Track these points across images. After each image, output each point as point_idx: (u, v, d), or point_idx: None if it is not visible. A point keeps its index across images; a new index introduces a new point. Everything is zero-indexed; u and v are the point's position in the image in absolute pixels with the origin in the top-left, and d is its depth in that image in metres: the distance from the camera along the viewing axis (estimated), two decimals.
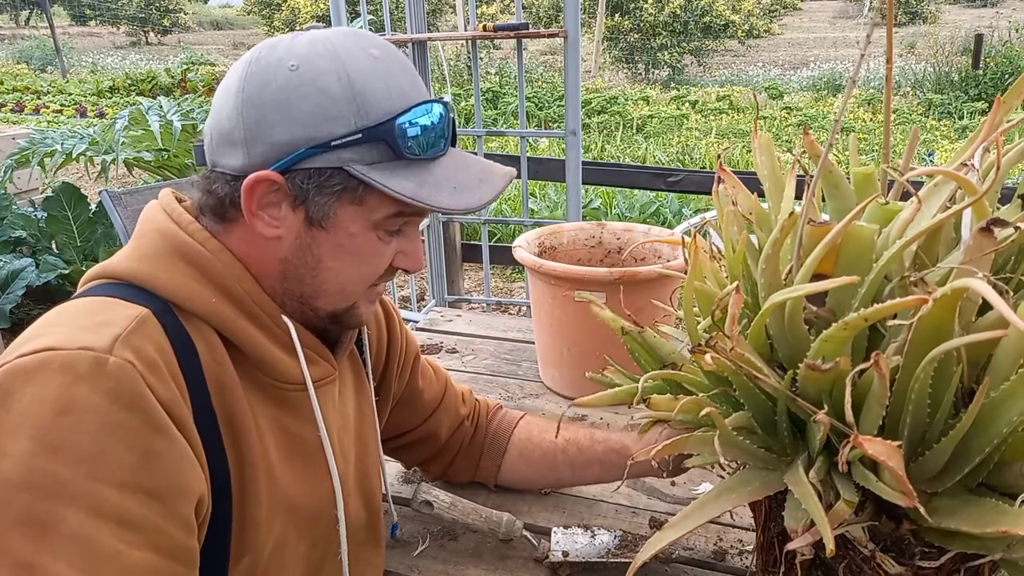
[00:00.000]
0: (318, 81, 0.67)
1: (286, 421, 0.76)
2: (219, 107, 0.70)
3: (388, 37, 2.38)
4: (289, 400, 0.76)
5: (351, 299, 0.77)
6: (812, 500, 0.54)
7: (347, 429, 0.87)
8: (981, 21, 13.76)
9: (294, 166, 0.68)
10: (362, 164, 0.68)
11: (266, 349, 0.72)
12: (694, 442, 0.64)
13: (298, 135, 0.67)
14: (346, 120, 0.67)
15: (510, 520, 0.99)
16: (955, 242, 0.63)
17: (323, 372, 0.79)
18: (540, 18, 15.13)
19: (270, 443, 0.74)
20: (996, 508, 0.52)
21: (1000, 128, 0.60)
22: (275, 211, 0.70)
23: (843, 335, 0.52)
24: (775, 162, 0.72)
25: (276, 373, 0.74)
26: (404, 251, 0.76)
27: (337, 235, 0.71)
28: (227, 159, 0.70)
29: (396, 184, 0.68)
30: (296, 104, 0.67)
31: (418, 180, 0.70)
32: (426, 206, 0.69)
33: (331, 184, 0.68)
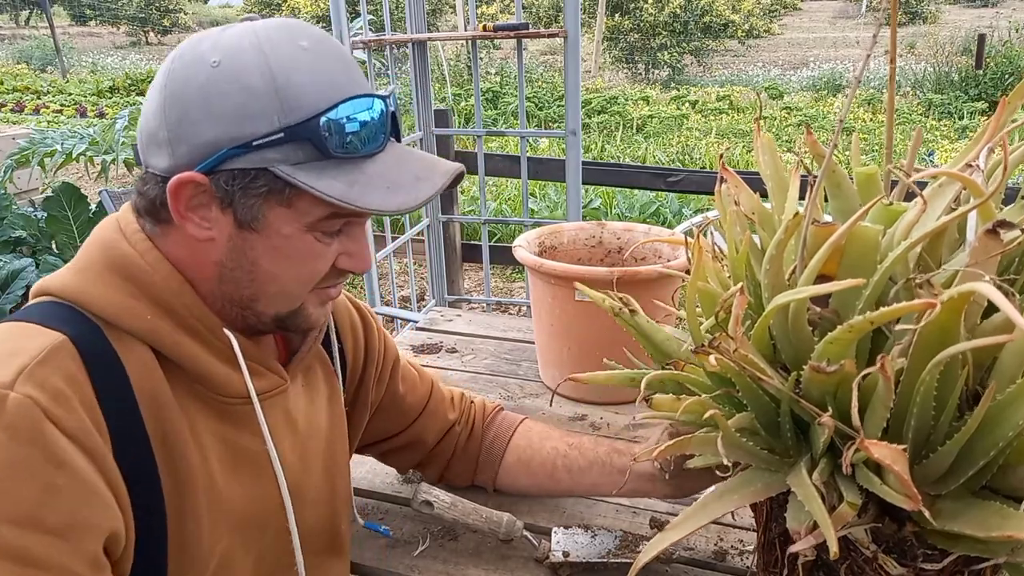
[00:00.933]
0: (240, 77, 0.64)
1: (231, 434, 0.74)
2: (147, 105, 0.68)
3: (388, 37, 2.38)
4: (234, 413, 0.74)
5: (294, 302, 0.74)
6: (815, 502, 0.54)
7: (313, 437, 0.85)
8: (981, 21, 13.76)
9: (218, 167, 0.65)
10: (287, 164, 0.65)
11: (206, 364, 0.70)
12: (697, 443, 0.63)
13: (220, 134, 0.64)
14: (268, 118, 0.64)
15: (511, 520, 0.99)
16: (958, 243, 0.63)
17: (270, 384, 0.77)
18: (540, 18, 15.13)
19: (213, 457, 0.72)
20: (1000, 511, 0.52)
21: (1005, 129, 0.60)
22: (205, 212, 0.68)
23: (848, 338, 0.52)
24: (778, 162, 0.71)
25: (218, 387, 0.71)
26: (348, 252, 0.73)
27: (270, 237, 0.68)
28: (155, 159, 0.67)
29: (323, 185, 0.65)
30: (217, 102, 0.64)
31: (348, 180, 0.66)
32: (356, 208, 0.66)
33: (256, 186, 0.66)
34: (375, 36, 2.39)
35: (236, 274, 0.70)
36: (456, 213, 3.03)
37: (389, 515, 1.08)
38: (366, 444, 1.05)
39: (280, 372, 0.78)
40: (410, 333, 1.78)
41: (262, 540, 0.77)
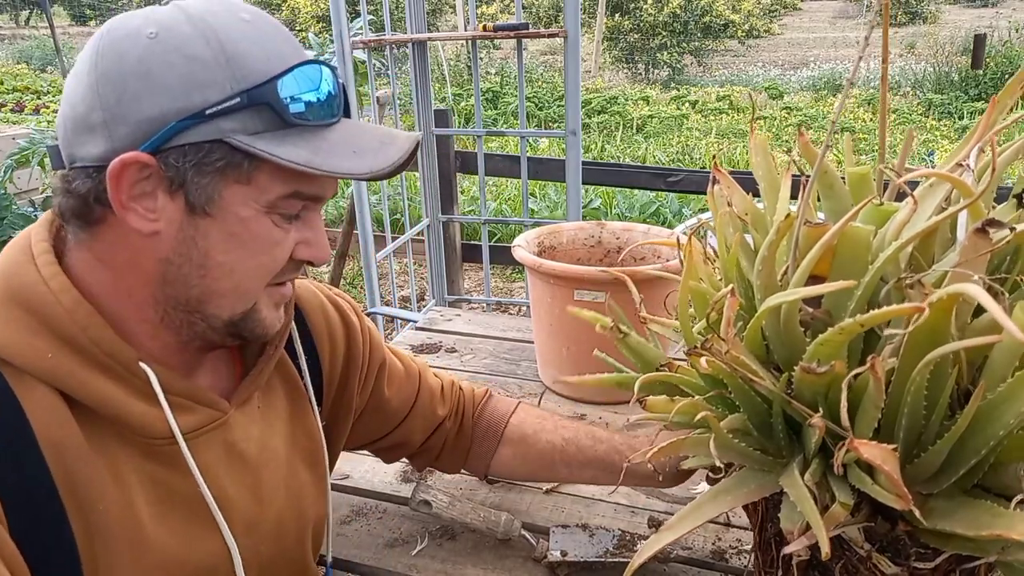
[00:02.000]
0: (184, 47, 0.59)
1: (163, 476, 0.67)
2: (70, 93, 0.61)
3: (388, 37, 2.38)
4: (162, 454, 0.66)
5: (249, 299, 0.67)
6: (808, 502, 0.54)
7: (268, 465, 0.77)
8: (981, 21, 13.75)
9: (165, 144, 0.59)
10: (244, 134, 0.60)
11: (121, 403, 0.63)
12: (690, 444, 0.64)
13: (166, 107, 0.58)
14: (220, 85, 0.59)
15: (509, 519, 0.99)
16: (951, 242, 0.63)
17: (202, 419, 0.69)
18: (540, 18, 15.13)
19: (140, 501, 0.65)
20: (991, 510, 0.53)
21: (995, 128, 0.60)
22: (150, 202, 0.61)
23: (839, 339, 0.52)
24: (770, 162, 0.72)
25: (137, 428, 0.64)
26: (306, 240, 0.68)
27: (225, 221, 0.62)
28: (86, 148, 0.60)
29: (286, 152, 0.60)
30: (160, 73, 0.58)
31: (311, 147, 0.62)
32: (325, 173, 0.61)
33: (211, 160, 0.60)
34: (375, 36, 2.39)
35: (184, 271, 0.64)
36: (456, 213, 3.03)
37: (387, 514, 1.08)
38: (348, 447, 0.99)
39: (216, 403, 0.71)
40: (410, 333, 1.79)
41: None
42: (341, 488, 1.15)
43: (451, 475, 1.14)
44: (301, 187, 0.64)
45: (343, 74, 2.15)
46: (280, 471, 0.79)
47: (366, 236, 2.28)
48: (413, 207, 4.79)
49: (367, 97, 2.72)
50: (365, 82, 2.82)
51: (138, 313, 0.66)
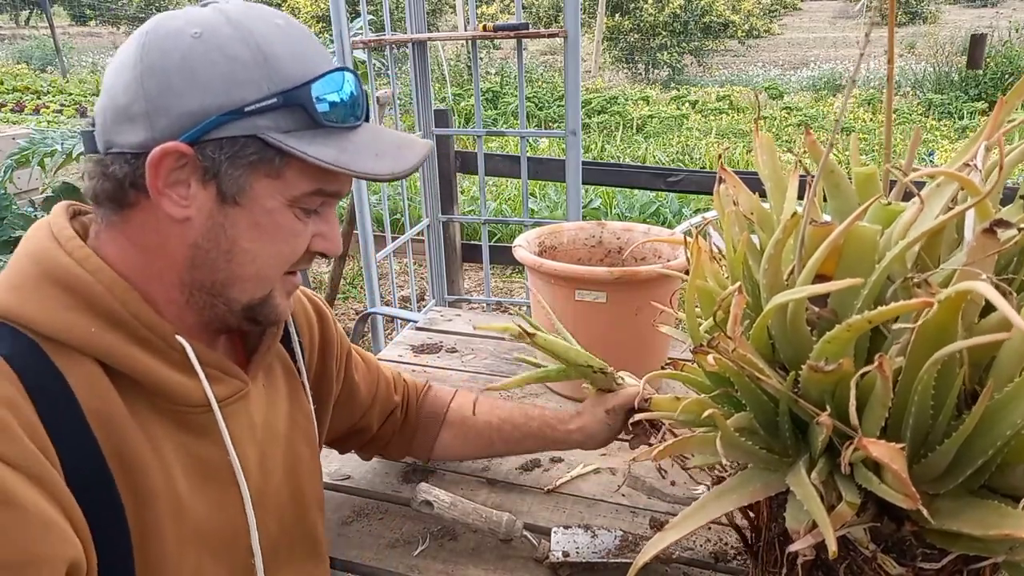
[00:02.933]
0: (225, 47, 0.63)
1: (194, 445, 0.71)
2: (112, 83, 0.65)
3: (388, 37, 2.38)
4: (196, 423, 0.71)
5: (267, 286, 0.72)
6: (814, 501, 0.54)
7: (273, 442, 0.82)
8: (981, 21, 13.76)
9: (204, 136, 0.63)
10: (278, 132, 0.65)
11: (160, 374, 0.67)
12: (697, 442, 0.63)
13: (208, 103, 0.63)
14: (258, 85, 0.64)
15: (510, 520, 0.99)
16: (957, 242, 0.63)
17: (231, 389, 0.74)
18: (540, 18, 15.13)
19: (178, 472, 0.69)
20: (999, 510, 0.52)
21: (1003, 128, 0.60)
22: (183, 189, 0.65)
23: (846, 337, 0.52)
24: (776, 162, 0.71)
25: (176, 397, 0.68)
26: (322, 233, 0.73)
27: (253, 212, 0.67)
28: (126, 136, 0.64)
29: (316, 151, 0.65)
30: (203, 70, 0.63)
31: (338, 147, 0.67)
32: (350, 172, 0.67)
33: (245, 154, 0.64)
34: (375, 36, 2.39)
35: (212, 255, 0.68)
36: (456, 213, 3.03)
37: (389, 515, 1.08)
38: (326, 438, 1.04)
39: (240, 375, 0.76)
40: (410, 333, 1.78)
41: (232, 554, 0.74)
42: (342, 489, 1.14)
43: (452, 477, 1.15)
44: (324, 184, 0.69)
45: None
46: (279, 448, 0.83)
47: (366, 236, 2.27)
48: (413, 207, 4.79)
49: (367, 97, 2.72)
50: (365, 82, 2.82)
51: (165, 294, 0.69)
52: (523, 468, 1.18)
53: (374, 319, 2.47)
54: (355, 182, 2.31)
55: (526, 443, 1.10)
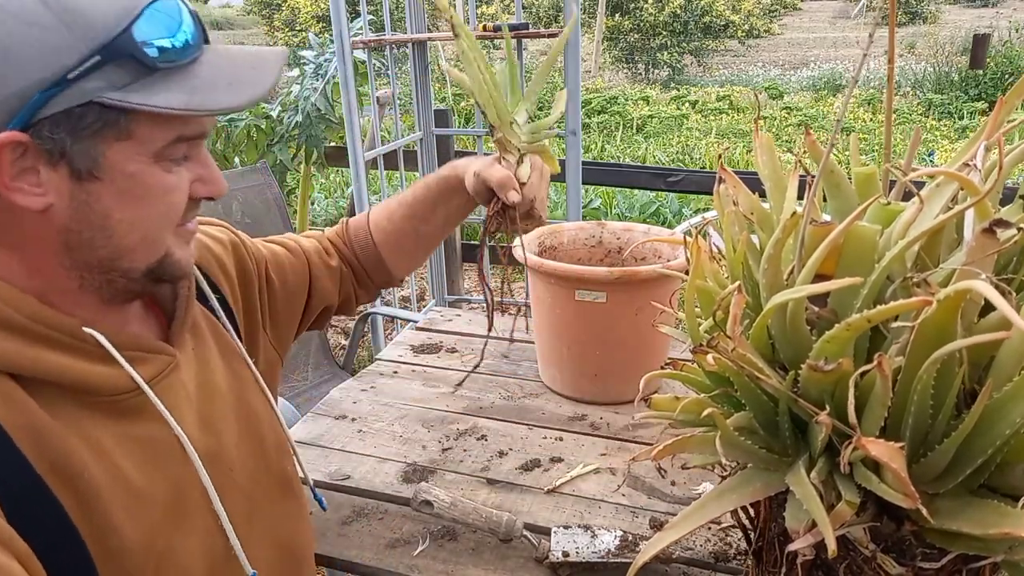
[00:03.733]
0: (23, 15, 0.56)
1: (135, 430, 0.68)
2: None
3: (388, 37, 2.38)
4: (129, 407, 0.68)
5: (159, 248, 0.67)
6: (814, 501, 0.54)
7: (218, 401, 0.80)
8: (981, 21, 13.76)
9: (34, 117, 0.57)
10: (113, 90, 0.58)
11: (79, 371, 0.63)
12: (696, 442, 0.63)
13: (24, 81, 0.56)
14: (74, 47, 0.57)
15: (510, 520, 0.99)
16: (956, 243, 0.63)
17: (158, 366, 0.71)
18: (540, 18, 15.12)
19: (125, 463, 0.66)
20: (998, 510, 0.52)
21: (1002, 128, 0.60)
22: (33, 177, 0.59)
23: (846, 336, 0.52)
24: (776, 162, 0.71)
25: (102, 389, 0.65)
26: (200, 178, 0.68)
27: (115, 181, 0.62)
28: None
29: (161, 100, 0.59)
30: (9, 47, 0.56)
31: (186, 89, 0.61)
32: (207, 112, 0.61)
33: (86, 124, 0.59)
34: (375, 36, 2.39)
35: (87, 236, 0.63)
36: None
37: (388, 515, 1.08)
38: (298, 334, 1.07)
39: (164, 349, 0.73)
40: (410, 333, 1.78)
41: (199, 521, 0.73)
42: (342, 489, 1.14)
43: (452, 477, 1.16)
44: (183, 130, 0.64)
45: (343, 74, 2.15)
46: (226, 403, 0.81)
47: None
48: None
49: (367, 97, 2.72)
50: (365, 82, 2.82)
51: (54, 285, 0.65)
52: (523, 468, 1.18)
53: (374, 319, 2.47)
54: (355, 181, 2.31)
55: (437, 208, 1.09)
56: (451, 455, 1.22)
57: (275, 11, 17.46)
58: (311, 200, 5.22)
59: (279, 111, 3.37)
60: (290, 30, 15.64)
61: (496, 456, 1.22)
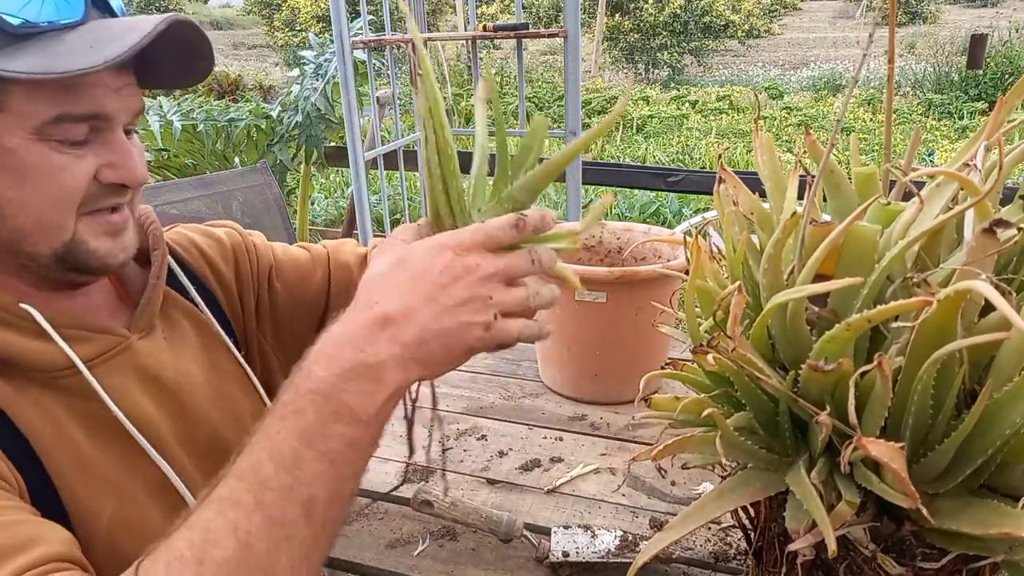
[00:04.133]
0: None
1: (82, 406, 0.68)
2: None
3: (388, 37, 2.38)
4: (72, 386, 0.68)
5: (62, 231, 0.64)
6: (814, 501, 0.54)
7: (191, 390, 0.79)
8: (981, 21, 13.75)
9: None
10: None
11: (13, 345, 0.63)
12: (696, 442, 0.63)
13: None
14: None
15: (510, 520, 0.99)
16: (956, 243, 0.63)
17: (102, 346, 0.70)
18: (540, 18, 15.12)
19: (77, 434, 0.67)
20: (998, 510, 0.52)
21: (1002, 128, 0.60)
22: None
23: (846, 336, 0.52)
24: (776, 162, 0.71)
25: (37, 365, 0.65)
26: (110, 163, 0.65)
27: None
28: None
29: (21, 65, 0.56)
30: None
31: (47, 53, 0.57)
32: (57, 75, 0.57)
33: None
34: (375, 36, 2.39)
35: None
36: None
37: (389, 515, 1.08)
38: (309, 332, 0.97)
39: (111, 330, 0.72)
40: None
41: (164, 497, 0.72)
42: None
43: (452, 477, 1.15)
44: (67, 107, 0.60)
45: (343, 74, 2.15)
46: (203, 393, 0.81)
47: (366, 236, 2.27)
48: (413, 207, 4.79)
49: (367, 97, 2.72)
50: (365, 82, 2.82)
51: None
52: (523, 468, 1.18)
53: None
54: (355, 181, 2.31)
55: None
56: (451, 455, 1.22)
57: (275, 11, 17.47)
58: (311, 200, 5.22)
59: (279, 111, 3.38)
60: (290, 30, 15.64)
61: (496, 456, 1.22)
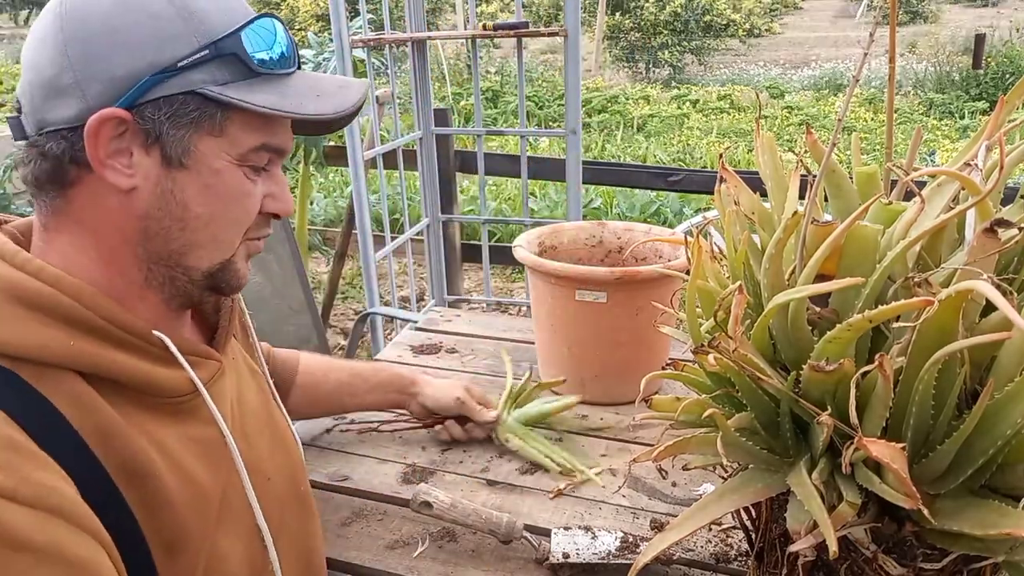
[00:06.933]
0: (146, 5, 0.62)
1: (192, 430, 0.71)
2: (35, 59, 0.63)
3: (387, 36, 2.38)
4: (185, 410, 0.70)
5: (226, 250, 0.70)
6: (815, 501, 0.54)
7: (250, 414, 0.82)
8: (982, 21, 13.75)
9: (140, 99, 0.61)
10: (215, 85, 0.63)
11: (145, 372, 0.65)
12: (697, 443, 0.63)
13: (138, 64, 0.61)
14: (187, 39, 0.62)
15: (510, 521, 0.99)
16: (957, 243, 0.63)
17: (210, 371, 0.74)
18: (540, 17, 15.11)
19: (190, 462, 0.68)
20: (999, 510, 0.52)
21: (1003, 128, 0.60)
22: (125, 159, 0.63)
23: (847, 336, 0.52)
24: (778, 161, 0.71)
25: (165, 391, 0.68)
26: (272, 194, 0.72)
27: (200, 173, 0.65)
28: (59, 111, 0.62)
29: (255, 98, 0.64)
30: (128, 31, 0.61)
31: (278, 93, 0.66)
32: (293, 115, 0.66)
33: (185, 112, 0.63)
34: (374, 35, 2.39)
35: (164, 224, 0.66)
36: (456, 213, 3.03)
37: (388, 516, 1.08)
38: None
39: (213, 355, 0.76)
40: (409, 333, 1.78)
41: (242, 526, 0.75)
42: (341, 489, 1.14)
43: (452, 478, 1.15)
44: (268, 138, 0.68)
45: (343, 73, 2.14)
46: (259, 415, 0.84)
47: (365, 236, 2.27)
48: (412, 207, 4.79)
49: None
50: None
51: (123, 277, 0.68)
52: (523, 469, 1.18)
53: (373, 319, 2.46)
54: (354, 180, 2.31)
55: (374, 392, 1.18)
56: (451, 456, 1.22)
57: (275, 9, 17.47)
58: (310, 200, 5.22)
59: None
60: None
61: (496, 457, 1.21)
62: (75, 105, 0.61)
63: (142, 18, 0.62)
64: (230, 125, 0.65)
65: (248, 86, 0.65)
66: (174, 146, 0.64)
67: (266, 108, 0.64)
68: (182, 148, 0.64)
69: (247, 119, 0.66)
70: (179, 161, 0.64)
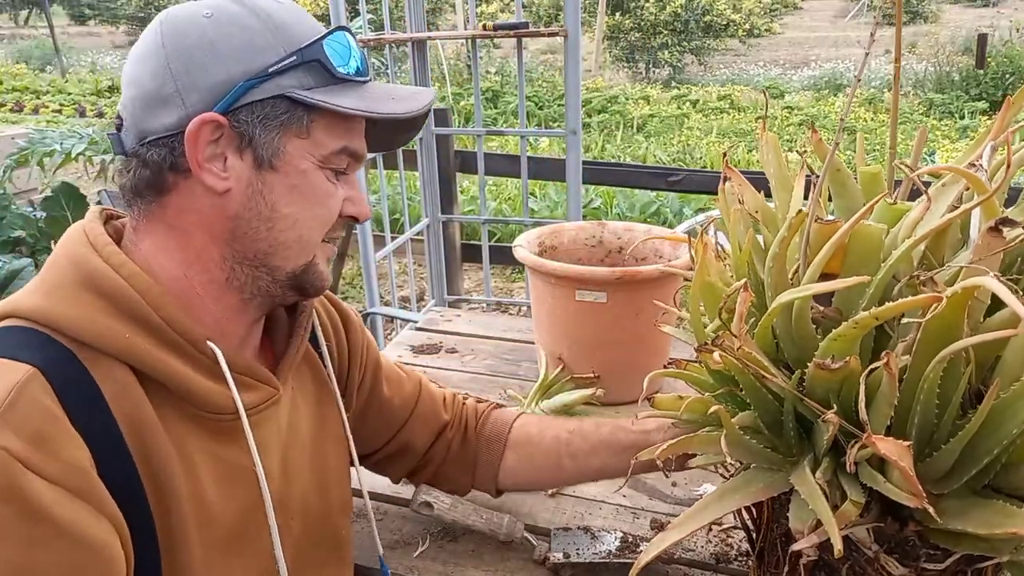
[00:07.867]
0: (236, 21, 0.68)
1: (222, 451, 0.71)
2: (137, 74, 0.69)
3: (388, 36, 2.38)
4: (223, 429, 0.71)
5: (309, 251, 0.74)
6: (819, 500, 0.54)
7: (297, 445, 0.82)
8: (982, 21, 13.75)
9: (235, 104, 0.67)
10: (302, 89, 0.69)
11: (191, 380, 0.67)
12: (700, 441, 0.63)
13: (233, 71, 0.67)
14: (275, 48, 0.68)
15: (511, 521, 0.99)
16: (961, 243, 0.63)
17: (262, 396, 0.74)
18: (540, 17, 15.11)
19: (205, 477, 0.69)
20: (1004, 510, 0.52)
21: (1010, 128, 0.59)
22: (220, 164, 0.68)
23: (853, 334, 0.52)
24: (782, 160, 0.71)
25: (205, 404, 0.69)
26: (350, 198, 0.76)
27: (288, 174, 0.70)
28: (160, 120, 0.67)
29: (339, 101, 0.69)
30: (223, 43, 0.67)
31: (358, 96, 0.71)
32: (376, 115, 0.70)
33: (276, 114, 0.68)
34: (374, 35, 2.38)
35: (253, 225, 0.70)
36: (456, 213, 3.02)
37: (389, 516, 1.08)
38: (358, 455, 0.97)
39: (271, 381, 0.76)
40: (409, 333, 1.78)
41: (257, 557, 0.75)
42: None
43: None
44: (348, 141, 0.73)
45: None
46: (305, 451, 0.83)
47: (365, 236, 2.27)
48: (412, 207, 4.79)
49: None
50: None
51: (206, 274, 0.71)
52: None
53: (373, 319, 2.46)
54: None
55: (598, 455, 0.96)
56: None
57: None
58: None
59: None
60: None
61: None
62: (176, 113, 0.67)
63: (235, 31, 0.68)
64: (315, 128, 0.70)
65: (331, 91, 0.70)
66: (265, 148, 0.68)
67: (350, 109, 0.69)
68: (272, 150, 0.69)
69: (331, 123, 0.70)
70: (269, 163, 0.69)
